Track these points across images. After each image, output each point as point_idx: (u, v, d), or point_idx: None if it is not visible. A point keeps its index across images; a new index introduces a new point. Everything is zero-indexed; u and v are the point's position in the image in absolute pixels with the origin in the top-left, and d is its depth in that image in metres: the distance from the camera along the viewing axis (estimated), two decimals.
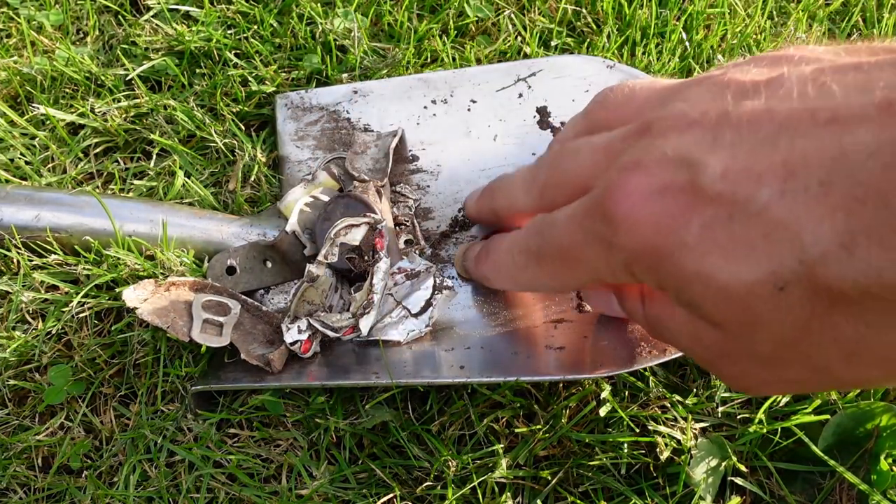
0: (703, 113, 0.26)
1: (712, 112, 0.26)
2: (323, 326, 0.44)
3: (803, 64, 0.26)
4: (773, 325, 0.24)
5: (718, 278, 0.25)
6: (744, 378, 0.29)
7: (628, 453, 0.42)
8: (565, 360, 0.41)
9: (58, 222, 0.48)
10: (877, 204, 0.21)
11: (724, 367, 0.29)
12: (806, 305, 0.23)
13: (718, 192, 0.24)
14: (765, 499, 0.42)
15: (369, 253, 0.46)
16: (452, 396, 0.44)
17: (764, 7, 0.60)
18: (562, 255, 0.32)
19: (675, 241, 0.25)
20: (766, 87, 0.26)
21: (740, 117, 0.25)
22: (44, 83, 0.59)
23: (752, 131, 0.25)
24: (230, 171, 0.55)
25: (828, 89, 0.24)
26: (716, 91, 0.27)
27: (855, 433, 0.42)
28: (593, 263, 0.30)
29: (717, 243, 0.24)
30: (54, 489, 0.44)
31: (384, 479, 0.43)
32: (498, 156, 0.52)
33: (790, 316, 0.24)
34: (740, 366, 0.28)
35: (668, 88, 0.31)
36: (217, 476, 0.44)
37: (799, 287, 0.23)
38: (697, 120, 0.26)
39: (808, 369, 0.26)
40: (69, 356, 0.47)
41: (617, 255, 0.28)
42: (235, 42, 0.60)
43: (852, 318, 0.23)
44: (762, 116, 0.25)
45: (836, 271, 0.22)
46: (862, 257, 0.21)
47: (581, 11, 0.61)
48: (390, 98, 0.54)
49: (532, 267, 0.35)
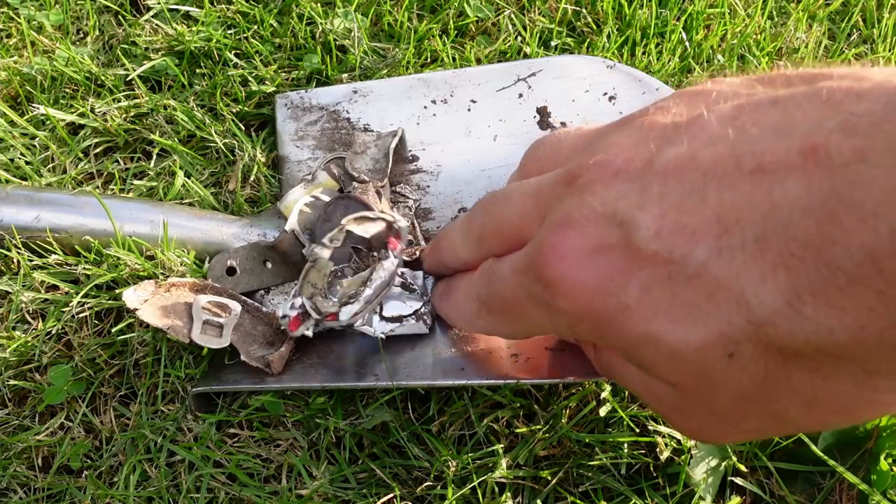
0: (626, 160, 0.26)
1: (637, 160, 0.25)
2: (311, 307, 0.44)
3: (721, 101, 0.25)
4: (729, 382, 0.24)
5: (666, 341, 0.24)
6: (701, 432, 0.28)
7: (628, 453, 0.42)
8: (565, 361, 0.41)
9: (58, 222, 0.48)
10: (817, 262, 0.20)
11: (679, 421, 0.28)
12: (760, 362, 0.23)
13: (654, 252, 0.24)
14: (765, 499, 0.42)
15: (379, 249, 0.46)
16: (452, 396, 0.44)
17: (764, 7, 0.60)
18: (507, 309, 0.31)
19: (616, 304, 0.25)
20: (687, 131, 0.25)
21: (665, 166, 0.24)
22: (44, 83, 0.59)
23: (678, 182, 0.24)
24: (230, 171, 0.55)
25: (748, 132, 0.23)
26: (638, 136, 0.26)
27: (855, 433, 0.42)
28: (537, 321, 0.29)
29: (660, 305, 0.24)
30: (54, 489, 0.44)
31: (384, 479, 0.43)
32: (498, 156, 0.52)
33: (745, 374, 0.23)
34: (696, 420, 0.27)
35: (593, 134, 0.30)
36: (217, 476, 0.44)
37: (750, 346, 0.22)
38: (622, 168, 0.26)
39: (766, 418, 0.25)
40: (69, 356, 0.47)
41: (558, 317, 0.27)
42: (235, 42, 0.60)
43: (808, 373, 0.22)
44: (687, 165, 0.24)
45: (785, 330, 0.21)
46: (810, 316, 0.21)
47: (581, 11, 0.61)
48: (390, 98, 0.54)
49: (484, 315, 0.34)
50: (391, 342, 0.45)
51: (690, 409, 0.26)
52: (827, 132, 0.21)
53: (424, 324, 0.45)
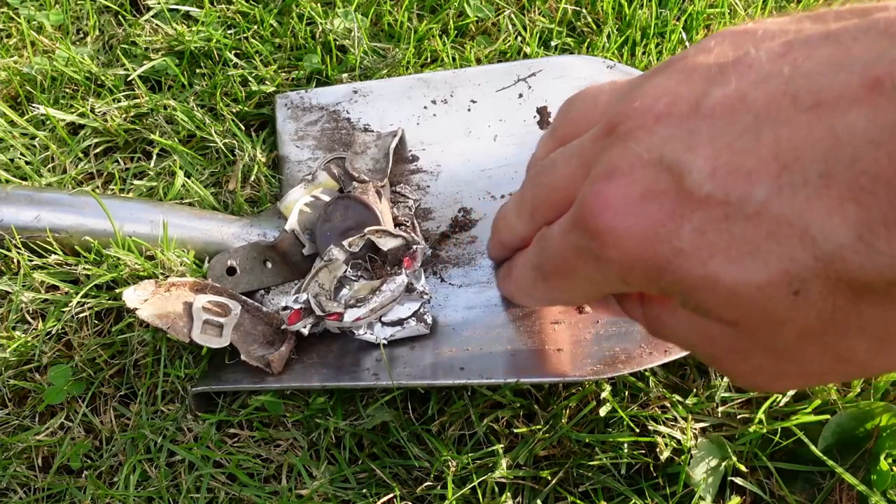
0: (669, 104, 0.25)
1: (681, 103, 0.25)
2: (315, 304, 0.44)
3: (768, 39, 0.25)
4: (795, 320, 0.23)
5: (726, 281, 0.23)
6: (756, 374, 0.27)
7: (628, 453, 0.42)
8: (565, 361, 0.41)
9: (58, 222, 0.48)
10: (889, 194, 0.20)
11: (735, 363, 0.27)
12: (828, 299, 0.22)
13: (707, 194, 0.23)
14: (765, 499, 0.42)
15: (393, 265, 0.46)
16: (452, 396, 0.44)
17: (764, 7, 0.60)
18: (559, 271, 0.31)
19: (669, 249, 0.24)
20: (734, 70, 0.24)
21: (713, 108, 0.24)
22: (44, 83, 0.59)
23: (728, 123, 0.23)
24: (230, 171, 0.55)
25: (801, 67, 0.22)
26: (680, 79, 0.26)
27: (855, 433, 0.42)
28: (590, 277, 0.29)
29: (716, 247, 0.23)
30: (54, 489, 0.44)
31: (384, 479, 0.43)
32: (498, 156, 0.52)
33: (812, 311, 0.23)
34: (753, 361, 0.26)
35: (629, 83, 0.29)
36: (217, 476, 0.44)
37: (818, 283, 0.22)
38: (665, 112, 0.25)
39: (831, 359, 0.24)
40: (69, 356, 0.47)
41: (609, 268, 0.27)
42: (235, 42, 0.60)
43: (880, 308, 0.22)
44: (737, 105, 0.23)
45: (856, 265, 0.21)
46: (884, 250, 0.20)
47: (581, 11, 0.61)
48: (390, 98, 0.54)
49: (540, 283, 0.34)
50: (391, 342, 0.45)
51: (749, 349, 0.26)
52: (889, 63, 0.20)
53: (425, 325, 0.45)
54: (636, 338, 0.41)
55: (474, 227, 0.50)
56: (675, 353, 0.39)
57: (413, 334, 0.45)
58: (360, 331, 0.45)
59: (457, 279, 0.48)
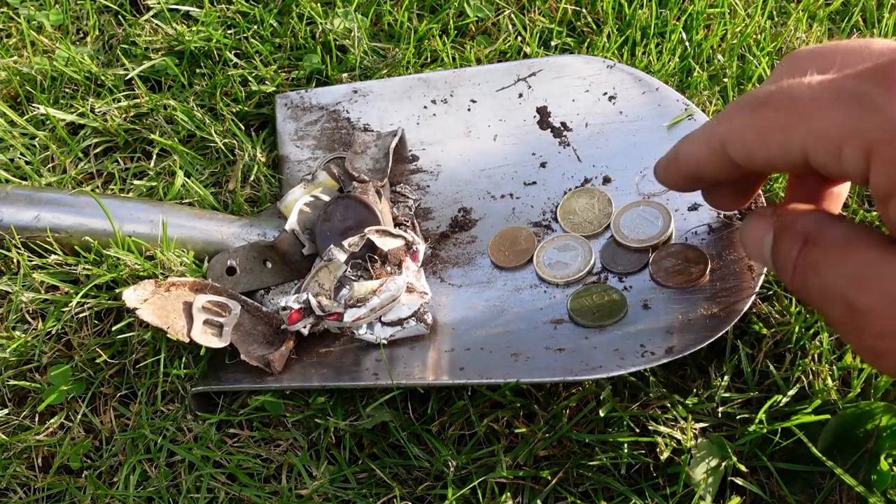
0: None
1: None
2: (315, 304, 0.44)
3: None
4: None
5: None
6: (886, 353, 0.25)
7: (628, 453, 0.42)
8: (565, 361, 0.41)
9: (58, 222, 0.48)
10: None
11: (882, 320, 0.25)
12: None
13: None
14: (765, 499, 0.42)
15: (393, 265, 0.46)
16: (452, 396, 0.44)
17: (764, 7, 0.60)
18: (791, 104, 0.27)
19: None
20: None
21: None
22: (44, 83, 0.59)
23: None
24: (230, 171, 0.55)
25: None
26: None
27: (855, 433, 0.42)
28: (823, 125, 0.26)
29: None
30: (54, 489, 0.44)
31: (384, 479, 0.43)
32: (498, 156, 0.52)
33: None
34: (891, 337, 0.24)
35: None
36: (217, 476, 0.44)
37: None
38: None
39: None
40: (69, 356, 0.47)
41: (871, 122, 0.24)
42: (235, 42, 0.60)
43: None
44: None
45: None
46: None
47: (581, 11, 0.61)
48: (390, 98, 0.54)
49: (743, 116, 0.30)
50: (391, 342, 0.45)
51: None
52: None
53: (425, 325, 0.45)
54: (636, 338, 0.41)
55: (474, 227, 0.50)
56: (674, 353, 0.39)
57: (413, 334, 0.45)
58: (360, 331, 0.45)
59: (457, 279, 0.48)
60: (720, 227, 0.44)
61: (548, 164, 0.50)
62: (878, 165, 0.24)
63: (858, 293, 0.25)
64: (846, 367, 0.43)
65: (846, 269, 0.26)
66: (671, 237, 0.45)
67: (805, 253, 0.28)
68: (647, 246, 0.45)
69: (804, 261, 0.28)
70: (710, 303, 0.41)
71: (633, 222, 0.46)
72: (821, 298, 0.27)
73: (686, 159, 0.34)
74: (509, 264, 0.47)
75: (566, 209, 0.48)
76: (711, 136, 0.32)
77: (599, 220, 0.47)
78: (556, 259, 0.46)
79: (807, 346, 0.43)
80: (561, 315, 0.44)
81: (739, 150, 0.30)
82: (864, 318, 0.25)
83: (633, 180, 0.48)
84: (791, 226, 0.29)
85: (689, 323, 0.41)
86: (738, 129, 0.30)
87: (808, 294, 0.28)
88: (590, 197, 0.48)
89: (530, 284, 0.46)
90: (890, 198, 0.24)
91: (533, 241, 0.48)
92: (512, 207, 0.50)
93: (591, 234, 0.47)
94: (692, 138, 0.34)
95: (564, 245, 0.47)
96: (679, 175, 0.35)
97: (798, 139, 0.27)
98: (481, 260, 0.48)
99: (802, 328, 0.44)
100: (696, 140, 0.33)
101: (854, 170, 0.25)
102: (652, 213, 0.46)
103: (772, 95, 0.28)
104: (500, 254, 0.48)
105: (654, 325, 0.41)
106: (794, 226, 0.29)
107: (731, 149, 0.30)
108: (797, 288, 0.29)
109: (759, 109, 0.29)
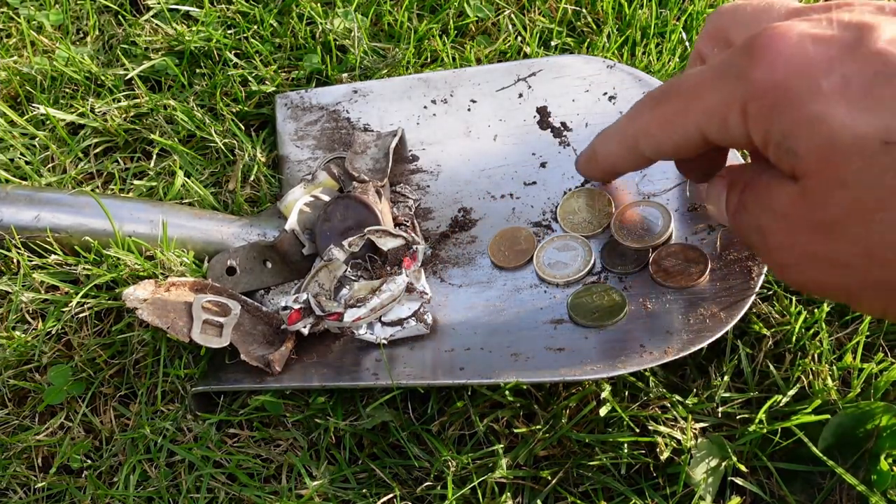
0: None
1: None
2: (315, 304, 0.44)
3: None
4: (857, 186, 0.25)
5: (831, 125, 0.25)
6: (791, 250, 0.29)
7: (628, 453, 0.42)
8: (565, 361, 0.41)
9: (58, 222, 0.48)
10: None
11: (777, 235, 0.29)
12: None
13: (877, 52, 0.25)
14: (765, 499, 0.42)
15: (393, 265, 0.46)
16: (452, 396, 0.44)
17: None
18: (683, 92, 0.31)
19: (809, 86, 0.26)
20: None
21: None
22: (44, 83, 0.59)
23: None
24: (230, 171, 0.55)
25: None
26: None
27: (855, 433, 0.42)
28: (709, 102, 0.30)
29: (848, 95, 0.25)
30: (54, 489, 0.44)
31: (384, 479, 0.43)
32: (498, 156, 0.52)
33: (879, 179, 0.25)
34: (795, 235, 0.29)
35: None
36: (217, 476, 0.44)
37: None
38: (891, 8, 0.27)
39: (860, 250, 0.27)
40: (69, 356, 0.47)
41: (742, 87, 0.28)
42: (235, 42, 0.60)
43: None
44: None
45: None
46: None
47: (581, 11, 0.61)
48: (390, 98, 0.54)
49: (645, 113, 0.34)
50: (391, 342, 0.45)
51: (797, 218, 0.28)
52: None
53: (425, 325, 0.45)
54: (636, 338, 0.41)
55: (474, 227, 0.50)
56: (674, 353, 0.39)
57: (413, 334, 0.45)
58: (360, 331, 0.45)
59: (457, 279, 0.48)
60: (720, 227, 0.44)
61: (548, 164, 0.50)
62: (752, 123, 0.28)
63: (761, 217, 0.30)
64: (846, 367, 0.43)
65: (760, 202, 0.30)
66: (671, 237, 0.45)
67: (740, 197, 0.32)
68: (647, 246, 0.45)
69: (739, 202, 0.32)
70: (710, 303, 0.41)
71: (633, 222, 0.46)
72: (746, 230, 0.32)
73: (604, 157, 0.40)
74: (509, 264, 0.47)
75: (566, 209, 0.48)
76: (624, 135, 0.36)
77: (599, 220, 0.47)
78: (556, 259, 0.46)
79: (807, 346, 0.43)
80: (561, 315, 0.44)
81: (649, 145, 0.35)
82: (766, 237, 0.30)
83: (633, 180, 0.48)
84: (736, 180, 0.34)
85: (689, 323, 0.41)
86: (643, 125, 0.34)
87: (739, 229, 0.33)
88: (590, 197, 0.48)
89: (530, 284, 0.46)
90: (767, 145, 0.28)
91: (533, 241, 0.48)
92: (512, 207, 0.50)
93: (591, 234, 0.47)
94: (607, 137, 0.39)
95: (564, 245, 0.47)
96: (599, 170, 0.41)
97: (693, 121, 0.31)
98: (481, 260, 0.48)
99: (802, 328, 0.44)
100: (611, 139, 0.38)
101: (739, 134, 0.29)
102: (652, 213, 0.46)
103: (668, 89, 0.33)
104: (500, 254, 0.48)
105: (654, 325, 0.41)
106: (738, 180, 0.33)
107: (642, 144, 0.35)
108: (735, 226, 0.33)
109: (658, 104, 0.33)
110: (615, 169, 0.40)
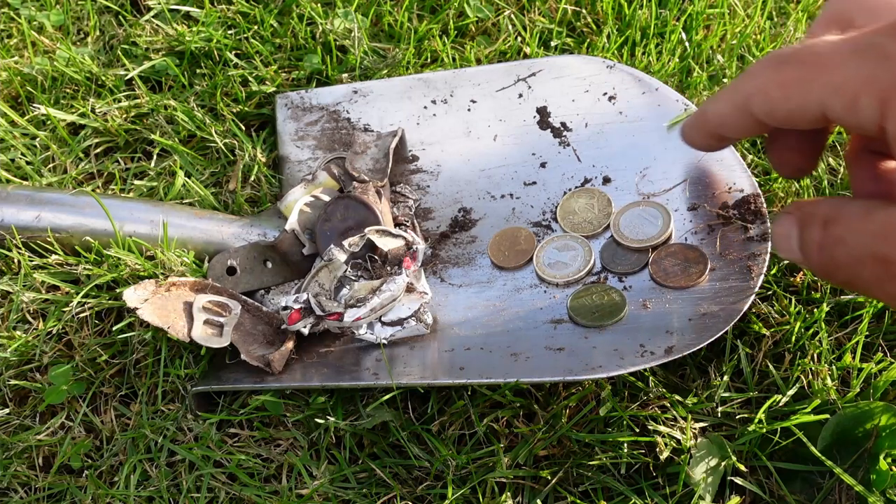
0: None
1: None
2: (315, 304, 0.44)
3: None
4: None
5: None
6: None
7: (628, 453, 0.42)
8: (565, 360, 0.41)
9: (58, 223, 0.48)
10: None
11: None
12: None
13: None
14: (764, 499, 0.42)
15: (393, 265, 0.46)
16: (452, 396, 0.44)
17: (764, 7, 0.60)
18: (811, 60, 0.29)
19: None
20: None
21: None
22: (44, 83, 0.59)
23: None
24: (230, 171, 0.55)
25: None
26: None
27: (854, 433, 0.42)
28: (840, 77, 0.27)
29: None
30: (55, 489, 0.44)
31: (384, 479, 0.43)
32: (498, 156, 0.52)
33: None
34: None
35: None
36: (217, 476, 0.44)
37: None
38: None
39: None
40: (70, 356, 0.47)
41: (886, 71, 0.25)
42: (236, 42, 0.60)
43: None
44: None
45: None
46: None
47: (581, 11, 0.61)
48: (390, 98, 0.54)
49: (766, 72, 0.32)
50: (391, 342, 0.45)
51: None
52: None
53: (425, 325, 0.45)
54: (636, 338, 0.41)
55: (474, 227, 0.50)
56: (673, 352, 0.39)
57: (413, 334, 0.45)
58: (360, 331, 0.45)
59: (457, 279, 0.48)
60: (720, 227, 0.44)
61: (548, 164, 0.50)
62: (892, 113, 0.25)
63: (887, 244, 0.27)
64: (845, 367, 0.43)
65: (871, 229, 0.28)
66: (671, 237, 0.45)
67: (827, 232, 0.30)
68: (647, 246, 0.45)
69: (829, 238, 0.30)
70: (709, 303, 0.41)
71: (632, 222, 0.46)
72: (851, 264, 0.29)
73: (713, 116, 0.36)
74: (509, 264, 0.47)
75: (566, 209, 0.48)
76: (736, 92, 0.33)
77: (599, 220, 0.47)
78: (556, 259, 0.46)
79: (806, 345, 0.43)
80: (561, 315, 0.44)
81: (762, 106, 0.32)
82: (890, 266, 0.27)
83: (633, 180, 0.48)
84: (811, 214, 0.31)
85: (688, 323, 0.41)
86: (761, 84, 0.32)
87: (836, 265, 0.30)
88: (590, 197, 0.48)
89: (530, 284, 0.46)
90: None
91: (533, 241, 0.48)
92: (512, 207, 0.50)
93: (590, 234, 0.47)
94: (718, 96, 0.36)
95: (564, 245, 0.47)
96: (705, 132, 0.37)
97: (816, 92, 0.28)
98: (481, 260, 0.48)
99: (802, 328, 0.44)
100: (721, 97, 0.35)
101: (869, 120, 0.26)
102: (652, 213, 0.46)
103: (794, 52, 0.30)
104: (500, 254, 0.48)
105: (654, 325, 0.41)
106: (814, 214, 0.31)
107: (755, 104, 0.32)
108: (825, 264, 0.31)
109: (781, 66, 0.30)
110: (720, 131, 0.37)
